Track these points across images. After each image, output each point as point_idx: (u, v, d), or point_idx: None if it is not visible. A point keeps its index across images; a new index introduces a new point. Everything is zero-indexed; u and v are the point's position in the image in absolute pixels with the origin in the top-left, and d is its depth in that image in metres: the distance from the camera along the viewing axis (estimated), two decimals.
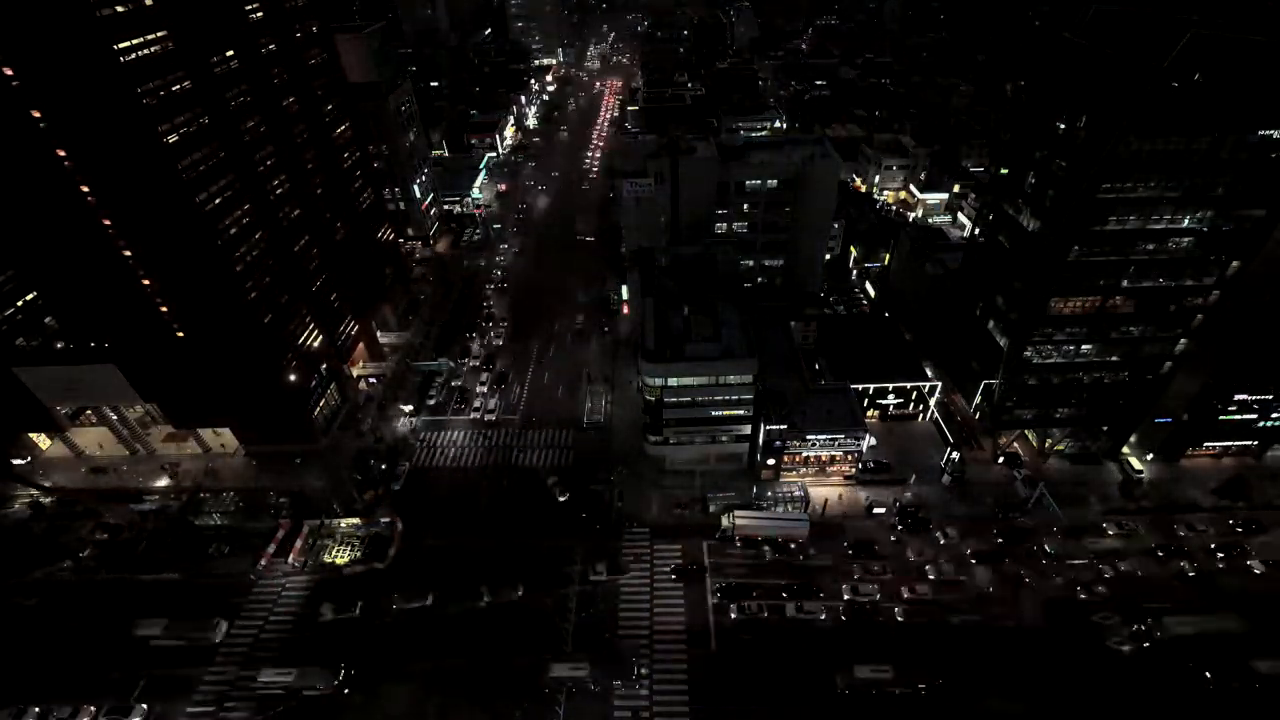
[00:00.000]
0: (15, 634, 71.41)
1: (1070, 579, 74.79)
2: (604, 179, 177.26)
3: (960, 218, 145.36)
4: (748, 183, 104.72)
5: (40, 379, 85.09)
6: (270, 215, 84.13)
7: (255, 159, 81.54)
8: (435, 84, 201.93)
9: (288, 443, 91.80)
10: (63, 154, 65.56)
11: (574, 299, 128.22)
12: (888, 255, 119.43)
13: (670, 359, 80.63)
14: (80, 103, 62.24)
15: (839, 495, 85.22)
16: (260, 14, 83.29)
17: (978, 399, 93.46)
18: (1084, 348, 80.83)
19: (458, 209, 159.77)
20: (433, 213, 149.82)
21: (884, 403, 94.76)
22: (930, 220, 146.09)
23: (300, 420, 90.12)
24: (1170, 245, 72.33)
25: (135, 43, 62.88)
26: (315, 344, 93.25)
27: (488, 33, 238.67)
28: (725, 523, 79.21)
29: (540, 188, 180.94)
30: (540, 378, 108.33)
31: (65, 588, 76.27)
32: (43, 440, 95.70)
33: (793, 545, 78.59)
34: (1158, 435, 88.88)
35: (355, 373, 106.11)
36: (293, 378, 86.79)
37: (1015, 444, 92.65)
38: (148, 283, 74.94)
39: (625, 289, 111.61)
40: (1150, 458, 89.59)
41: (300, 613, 73.11)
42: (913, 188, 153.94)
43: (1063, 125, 72.85)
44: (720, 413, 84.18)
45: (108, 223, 70.40)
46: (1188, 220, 70.52)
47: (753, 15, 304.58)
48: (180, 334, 78.96)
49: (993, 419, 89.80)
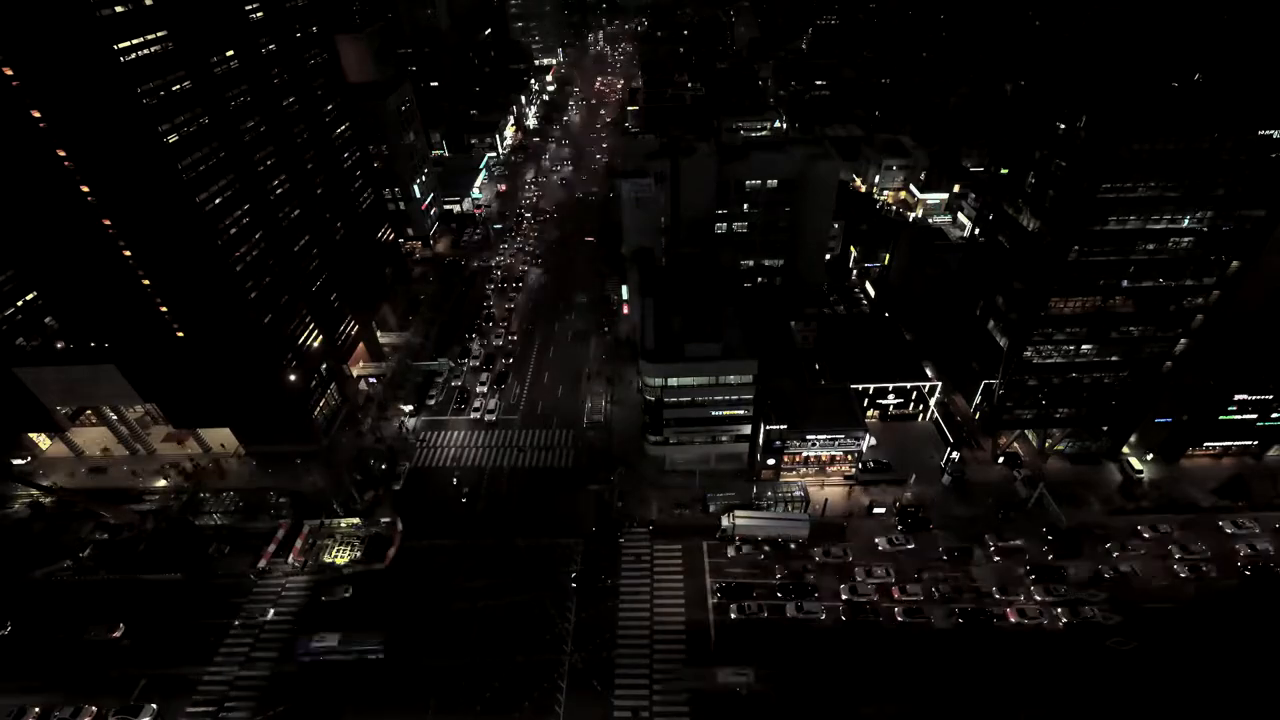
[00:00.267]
0: (15, 633, 71.68)
1: None
2: (604, 179, 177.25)
3: (960, 218, 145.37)
4: (748, 183, 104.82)
5: (40, 379, 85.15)
6: (270, 215, 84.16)
7: (255, 159, 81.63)
8: (435, 84, 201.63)
9: (288, 443, 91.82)
10: (63, 154, 65.59)
11: (574, 299, 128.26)
12: (888, 255, 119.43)
13: (670, 359, 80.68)
14: (80, 103, 62.24)
15: (846, 493, 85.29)
16: (260, 14, 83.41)
17: (978, 399, 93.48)
18: (1084, 348, 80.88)
19: (458, 209, 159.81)
20: (433, 213, 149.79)
21: (884, 403, 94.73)
22: (930, 220, 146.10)
23: (300, 420, 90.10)
24: (1170, 245, 72.43)
25: (135, 43, 62.95)
26: (315, 344, 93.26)
27: (488, 33, 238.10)
28: (725, 523, 79.21)
29: (540, 188, 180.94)
30: (540, 377, 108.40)
31: (65, 587, 76.37)
32: (43, 440, 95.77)
33: (793, 545, 78.73)
34: (1158, 435, 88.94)
35: (355, 373, 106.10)
36: (292, 378, 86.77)
37: (1015, 444, 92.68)
38: (148, 283, 74.95)
39: (625, 289, 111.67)
40: (1150, 458, 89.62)
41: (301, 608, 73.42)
42: (913, 188, 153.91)
43: (1063, 125, 72.93)
44: (720, 413, 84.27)
45: (108, 223, 70.43)
46: (1188, 220, 70.60)
47: (753, 15, 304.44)
48: (180, 334, 78.97)
49: (993, 419, 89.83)
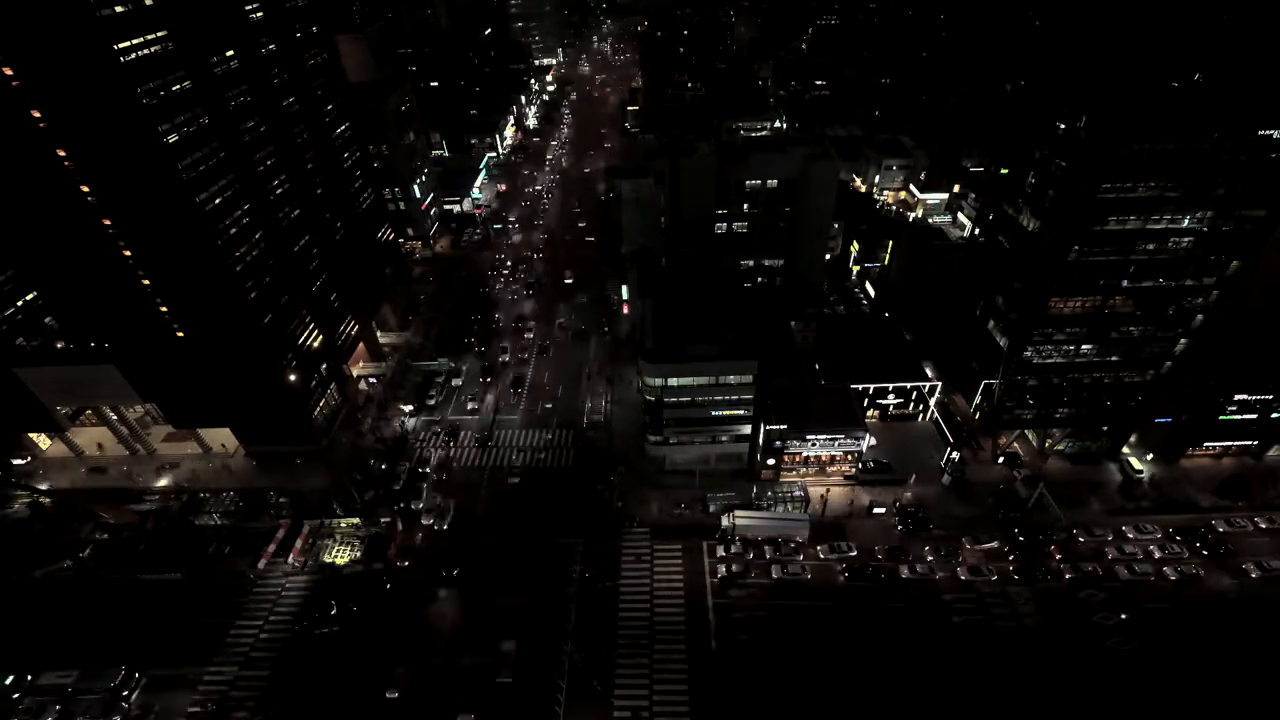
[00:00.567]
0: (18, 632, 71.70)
1: None
2: (604, 179, 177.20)
3: (960, 218, 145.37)
4: (748, 183, 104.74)
5: (40, 379, 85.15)
6: (270, 215, 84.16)
7: (255, 159, 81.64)
8: (435, 84, 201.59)
9: (288, 443, 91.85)
10: (63, 154, 65.62)
11: (574, 299, 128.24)
12: (888, 255, 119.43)
13: (670, 359, 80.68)
14: (80, 103, 62.27)
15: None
16: (260, 14, 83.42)
17: (978, 399, 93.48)
18: (1084, 348, 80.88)
19: (458, 209, 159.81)
20: (433, 213, 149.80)
21: (884, 403, 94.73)
22: (930, 220, 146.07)
23: (300, 420, 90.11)
24: (1170, 245, 72.42)
25: (135, 43, 62.98)
26: (315, 344, 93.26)
27: (488, 33, 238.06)
28: (725, 523, 79.25)
29: (540, 188, 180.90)
30: (541, 377, 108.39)
31: (65, 587, 76.39)
32: (43, 440, 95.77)
33: (792, 545, 78.74)
34: (1158, 435, 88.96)
35: (355, 373, 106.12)
36: (293, 378, 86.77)
37: (1015, 444, 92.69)
38: (148, 283, 74.97)
39: (625, 289, 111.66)
40: (1150, 458, 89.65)
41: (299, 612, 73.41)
42: (913, 188, 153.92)
43: (1063, 125, 72.93)
44: (720, 413, 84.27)
45: (108, 223, 70.45)
46: (1188, 220, 70.59)
47: (753, 15, 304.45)
48: (180, 334, 79.00)
49: (993, 419, 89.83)
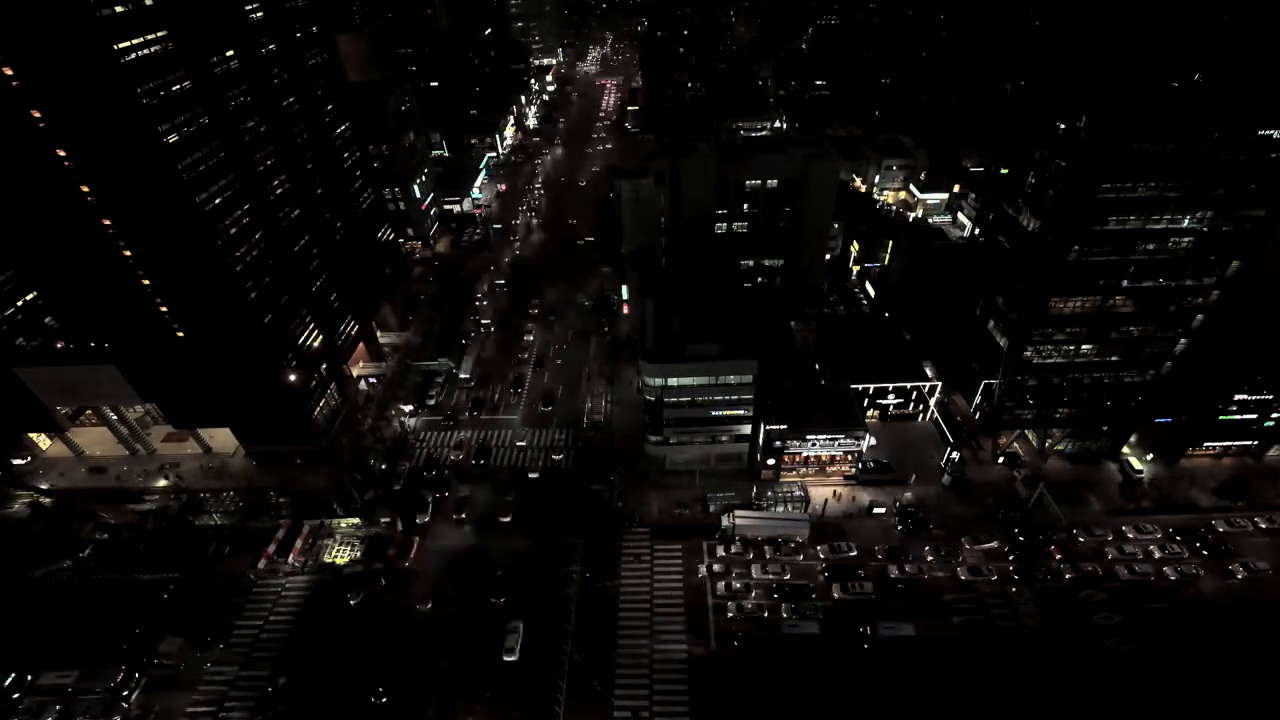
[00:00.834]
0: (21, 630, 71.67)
1: None
2: (604, 179, 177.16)
3: (960, 218, 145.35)
4: (748, 183, 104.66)
5: (40, 379, 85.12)
6: (270, 215, 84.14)
7: (255, 159, 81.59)
8: (435, 84, 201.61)
9: (288, 443, 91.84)
10: (63, 154, 65.58)
11: (574, 299, 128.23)
12: (887, 255, 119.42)
13: (670, 359, 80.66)
14: (80, 103, 62.23)
15: (835, 494, 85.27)
16: (260, 14, 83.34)
17: (978, 399, 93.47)
18: (1084, 348, 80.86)
19: (458, 209, 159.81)
20: (433, 213, 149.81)
21: (884, 403, 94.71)
22: (930, 220, 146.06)
23: (300, 420, 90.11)
24: (1170, 245, 72.40)
25: (135, 43, 62.95)
26: (315, 344, 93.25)
27: (488, 33, 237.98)
28: (725, 523, 79.23)
29: (540, 188, 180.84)
30: (541, 377, 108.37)
31: (65, 587, 76.39)
32: (43, 440, 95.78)
33: (793, 544, 78.75)
34: (1158, 435, 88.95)
35: (355, 373, 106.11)
36: (292, 378, 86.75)
37: (1015, 444, 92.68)
38: (148, 283, 74.95)
39: (625, 289, 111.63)
40: (1150, 458, 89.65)
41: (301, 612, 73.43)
42: (913, 188, 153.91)
43: (1063, 125, 72.91)
44: (720, 413, 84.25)
45: (108, 223, 70.42)
46: (1188, 220, 70.58)
47: (753, 15, 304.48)
48: (180, 334, 78.97)
49: (993, 419, 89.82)
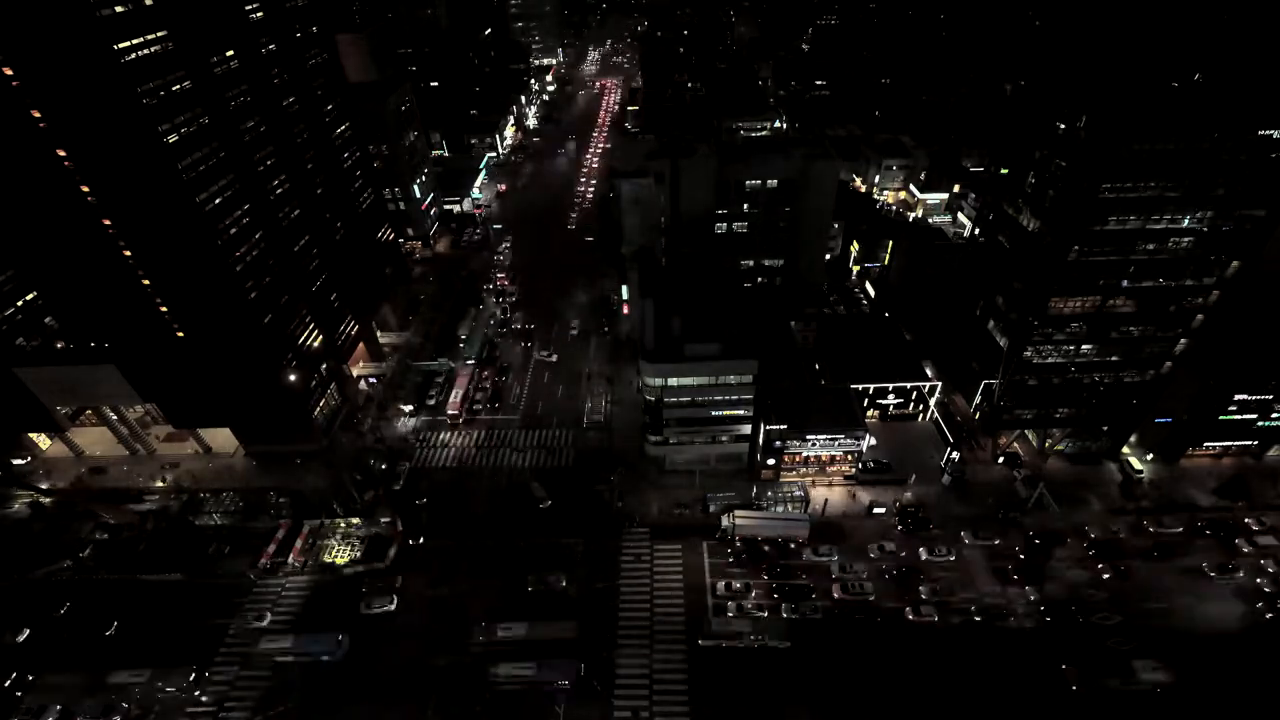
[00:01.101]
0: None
1: None
2: (604, 179, 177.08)
3: (960, 218, 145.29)
4: (748, 183, 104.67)
5: (40, 379, 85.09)
6: (270, 215, 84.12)
7: (255, 159, 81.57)
8: (435, 84, 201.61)
9: (288, 443, 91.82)
10: (63, 154, 65.56)
11: (574, 299, 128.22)
12: (887, 255, 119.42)
13: (670, 359, 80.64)
14: (80, 103, 62.22)
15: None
16: (260, 14, 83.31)
17: (978, 399, 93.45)
18: (1084, 348, 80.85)
19: (458, 209, 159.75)
20: (433, 213, 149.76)
21: (884, 403, 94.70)
22: (930, 220, 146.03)
23: (300, 420, 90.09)
24: (1170, 245, 72.40)
25: (135, 43, 62.94)
26: (315, 344, 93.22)
27: (488, 33, 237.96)
28: (725, 523, 79.21)
29: (540, 188, 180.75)
30: (541, 377, 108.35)
31: (65, 587, 76.40)
32: (43, 440, 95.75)
33: (793, 545, 78.71)
34: (1158, 435, 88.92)
35: (355, 373, 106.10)
36: (293, 378, 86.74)
37: (1015, 444, 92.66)
38: (148, 283, 74.92)
39: (625, 289, 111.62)
40: (1150, 457, 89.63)
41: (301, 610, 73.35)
42: (913, 188, 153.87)
43: (1063, 125, 72.90)
44: (720, 413, 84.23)
45: (108, 223, 70.40)
46: (1188, 220, 70.57)
47: (753, 15, 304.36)
48: (180, 334, 78.95)
49: (993, 419, 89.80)
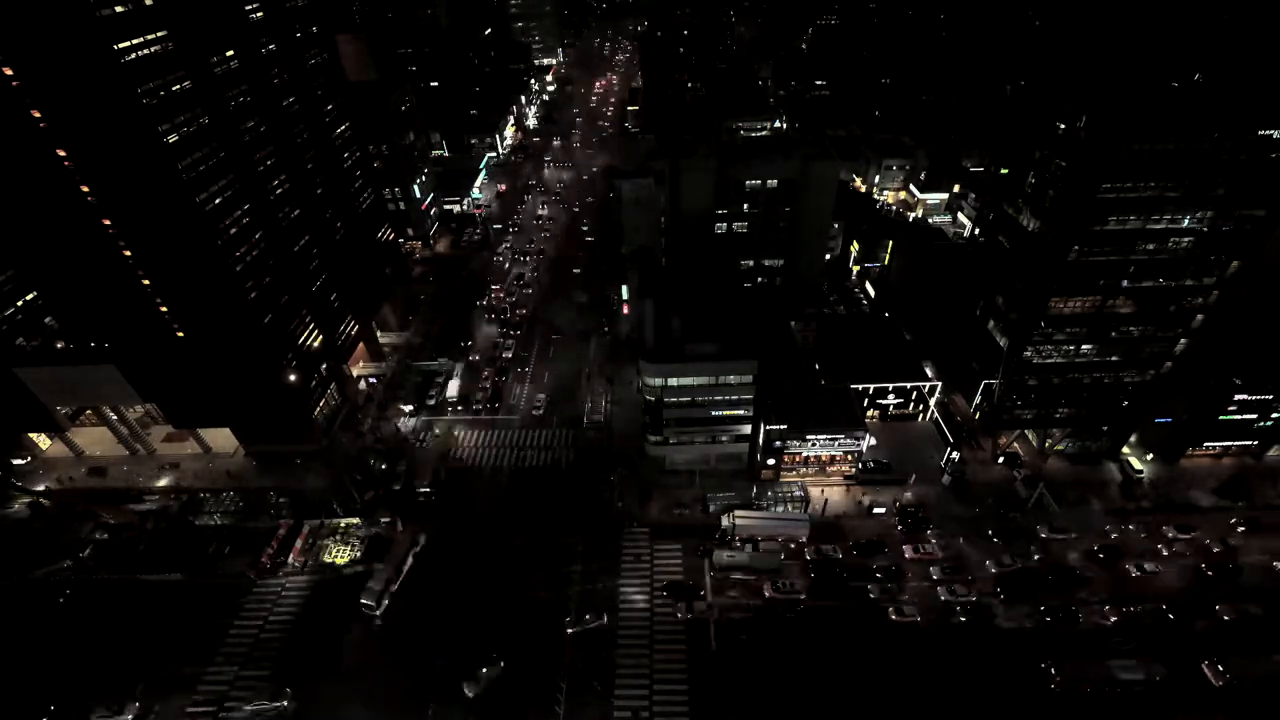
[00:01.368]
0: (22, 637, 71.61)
1: None
2: (604, 179, 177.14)
3: (960, 218, 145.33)
4: (748, 183, 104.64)
5: (40, 379, 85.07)
6: (270, 215, 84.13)
7: (255, 159, 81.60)
8: (435, 84, 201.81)
9: (288, 443, 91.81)
10: (63, 154, 65.53)
11: (574, 299, 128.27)
12: (887, 255, 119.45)
13: (670, 359, 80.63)
14: (80, 103, 62.20)
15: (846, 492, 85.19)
16: (260, 14, 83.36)
17: (978, 399, 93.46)
18: (1084, 348, 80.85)
19: (458, 209, 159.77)
20: (433, 213, 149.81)
21: (884, 403, 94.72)
22: (930, 220, 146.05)
23: (300, 420, 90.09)
24: (1170, 245, 72.41)
25: (135, 43, 62.97)
26: (315, 344, 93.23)
27: (488, 32, 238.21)
28: (725, 523, 79.21)
29: (540, 188, 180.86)
30: (540, 377, 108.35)
31: (65, 587, 76.35)
32: (43, 440, 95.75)
33: (793, 544, 78.68)
34: (1158, 435, 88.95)
35: (355, 373, 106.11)
36: (293, 378, 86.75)
37: (1015, 444, 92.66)
38: (148, 283, 74.90)
39: (625, 289, 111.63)
40: (1150, 457, 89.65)
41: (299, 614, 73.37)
42: (913, 188, 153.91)
43: (1063, 125, 72.92)
44: (720, 413, 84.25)
45: (108, 223, 70.38)
46: (1188, 220, 70.58)
47: (753, 15, 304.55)
48: (180, 334, 78.93)
49: (993, 419, 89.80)
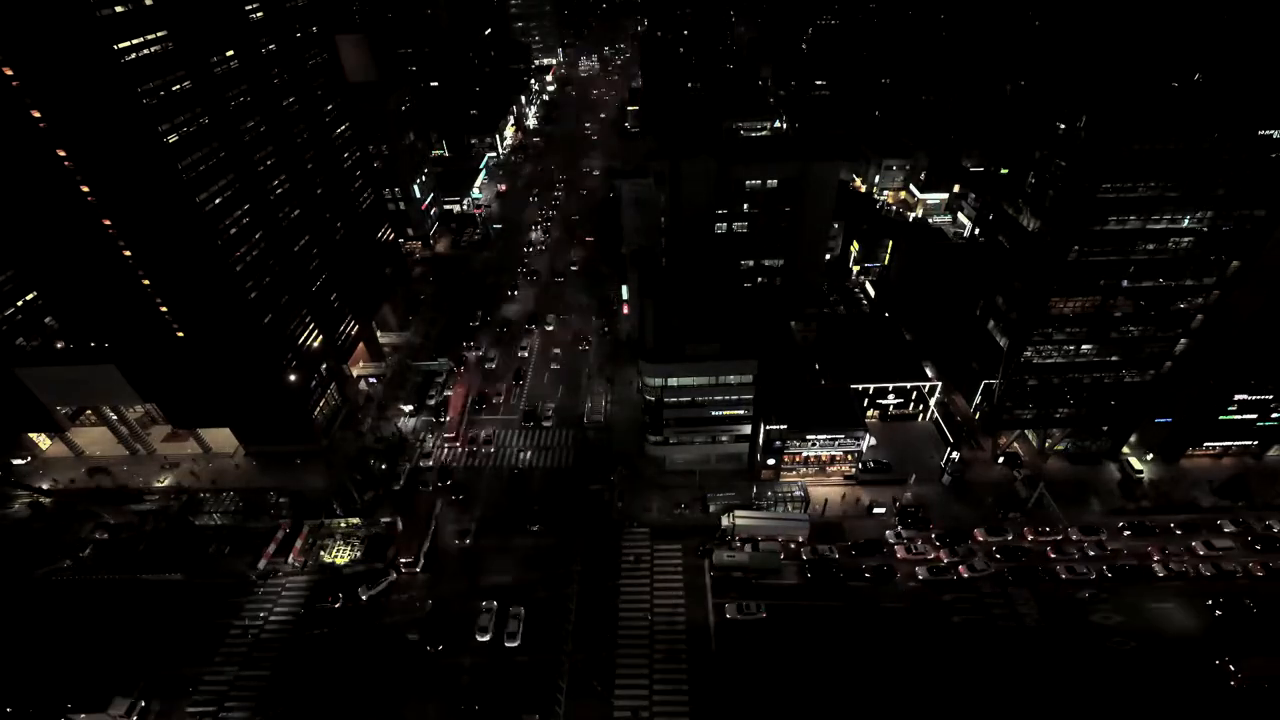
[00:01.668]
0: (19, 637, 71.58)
1: None
2: (604, 179, 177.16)
3: (960, 218, 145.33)
4: (748, 183, 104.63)
5: (40, 379, 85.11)
6: (270, 215, 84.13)
7: (255, 159, 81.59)
8: (435, 84, 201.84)
9: (288, 443, 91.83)
10: (63, 154, 65.57)
11: (574, 299, 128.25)
12: (887, 255, 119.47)
13: (670, 359, 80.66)
14: (80, 103, 62.22)
15: (842, 496, 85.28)
16: (260, 14, 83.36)
17: (978, 399, 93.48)
18: (1084, 348, 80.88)
19: (458, 209, 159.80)
20: (433, 213, 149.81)
21: (884, 403, 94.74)
22: (930, 220, 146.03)
23: (300, 420, 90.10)
24: (1170, 245, 72.44)
25: (135, 43, 62.95)
26: (315, 344, 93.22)
27: (488, 32, 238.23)
28: (725, 522, 79.24)
29: (540, 188, 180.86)
30: (541, 377, 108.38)
31: (65, 587, 76.39)
32: (43, 440, 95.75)
33: (794, 545, 78.68)
34: (1158, 435, 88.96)
35: (355, 373, 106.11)
36: (293, 378, 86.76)
37: (1015, 444, 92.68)
38: (148, 283, 74.93)
39: (625, 289, 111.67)
40: (1150, 457, 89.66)
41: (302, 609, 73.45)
42: (913, 188, 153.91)
43: (1063, 125, 72.92)
44: (720, 413, 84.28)
45: (108, 223, 70.40)
46: (1188, 220, 70.61)
47: (753, 15, 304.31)
48: (180, 334, 78.97)
49: (993, 419, 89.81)
